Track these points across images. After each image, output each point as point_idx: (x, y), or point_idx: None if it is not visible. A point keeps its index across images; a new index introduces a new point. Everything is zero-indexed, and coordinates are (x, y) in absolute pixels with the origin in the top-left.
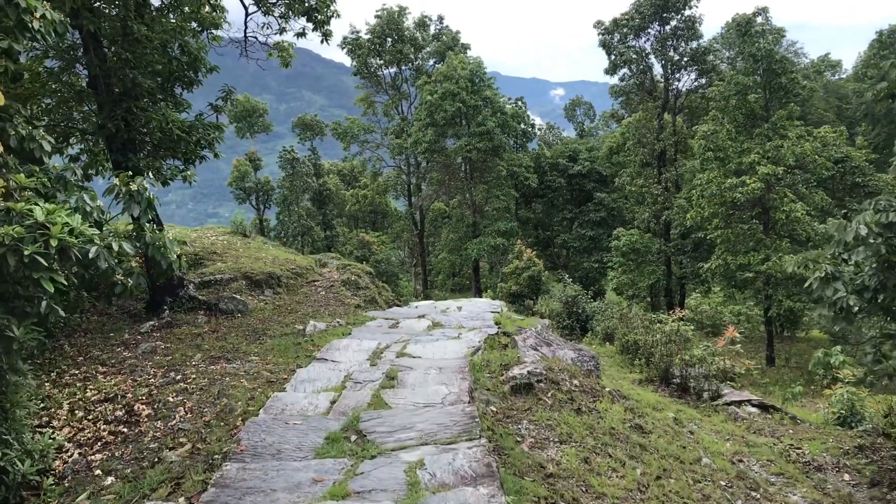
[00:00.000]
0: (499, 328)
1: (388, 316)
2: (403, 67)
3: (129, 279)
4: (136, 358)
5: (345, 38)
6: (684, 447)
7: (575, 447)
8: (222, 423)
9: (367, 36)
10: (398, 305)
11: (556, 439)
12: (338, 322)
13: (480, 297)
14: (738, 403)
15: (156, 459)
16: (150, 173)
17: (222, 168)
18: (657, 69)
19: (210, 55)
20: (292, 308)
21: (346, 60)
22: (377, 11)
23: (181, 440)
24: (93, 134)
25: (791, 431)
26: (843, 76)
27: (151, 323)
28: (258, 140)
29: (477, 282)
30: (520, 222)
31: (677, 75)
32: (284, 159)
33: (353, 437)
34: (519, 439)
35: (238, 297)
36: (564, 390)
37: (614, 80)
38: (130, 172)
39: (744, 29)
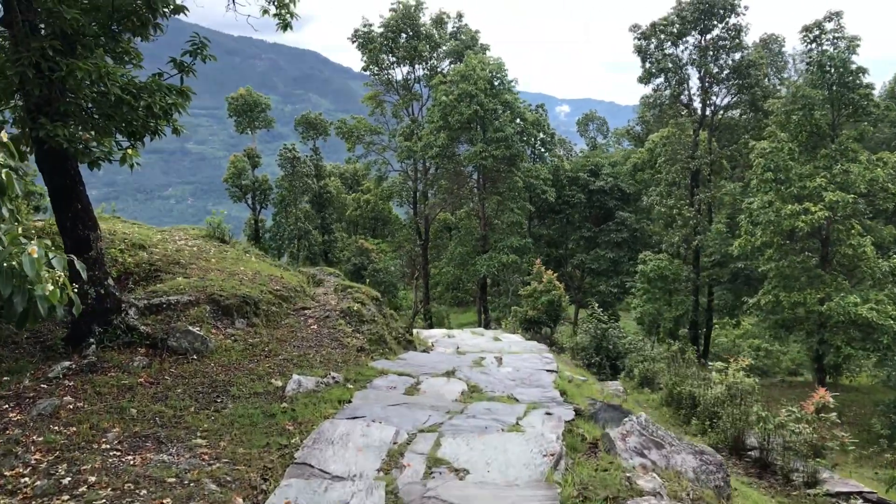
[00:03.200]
0: (567, 401)
1: (403, 369)
2: (417, 66)
3: None
4: (24, 425)
5: (356, 31)
6: None
7: None
8: None
9: (380, 30)
10: (410, 344)
11: None
12: (333, 377)
13: (487, 316)
14: (846, 496)
15: None
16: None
17: (224, 165)
18: (693, 81)
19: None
20: (270, 349)
21: (355, 65)
22: (392, 4)
23: None
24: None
25: None
26: None
27: (67, 364)
28: (260, 139)
29: (484, 301)
30: (532, 238)
31: (715, 89)
32: (284, 157)
33: None
34: None
35: (196, 329)
36: None
37: (647, 89)
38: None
39: (812, 35)
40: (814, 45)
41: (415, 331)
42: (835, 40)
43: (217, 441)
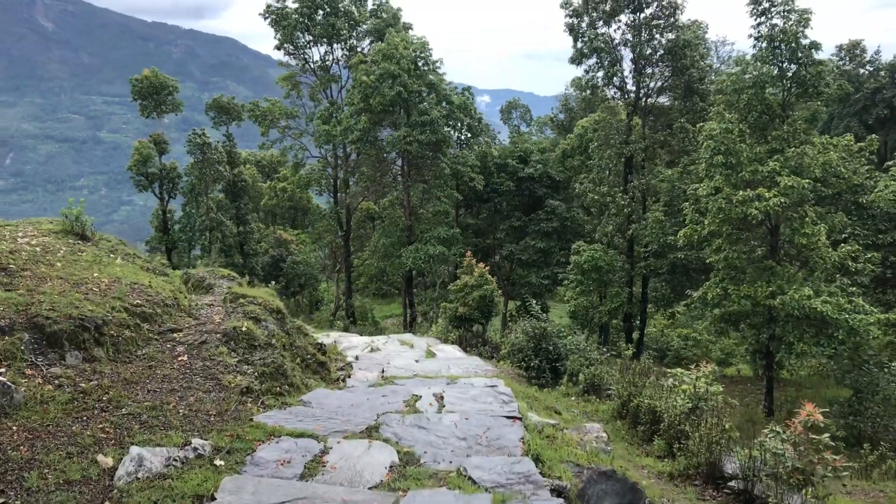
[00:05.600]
0: (545, 474)
1: (305, 425)
2: (335, 46)
3: None
4: None
5: (268, 6)
6: None
7: None
8: None
9: (295, 5)
10: (322, 367)
11: None
12: (194, 448)
13: (413, 311)
14: None
15: None
16: None
17: None
18: (627, 63)
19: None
20: (112, 397)
21: (274, 52)
22: None
23: None
24: None
25: None
26: None
27: None
28: (177, 128)
29: (410, 294)
30: (459, 228)
31: (649, 71)
32: (193, 143)
33: None
34: None
35: None
36: None
37: (579, 71)
38: None
39: (761, 7)
40: (762, 18)
41: (334, 337)
42: (785, 13)
43: None
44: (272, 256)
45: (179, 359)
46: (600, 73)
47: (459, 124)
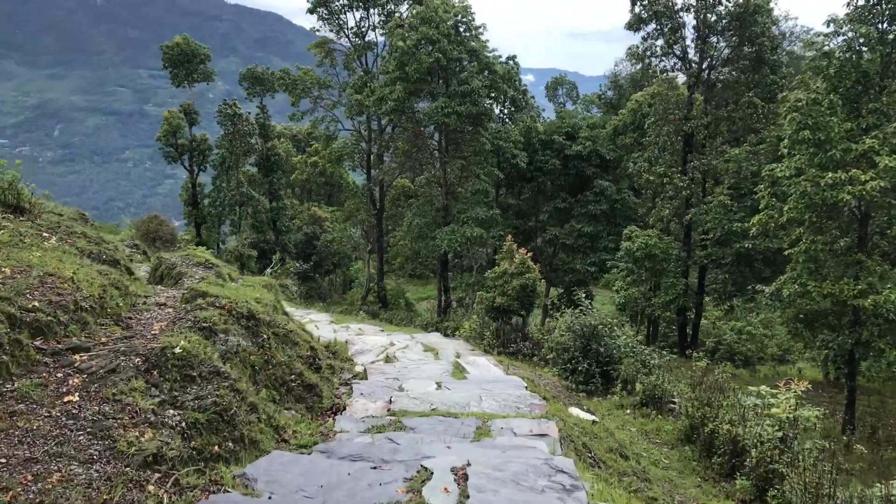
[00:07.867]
0: None
1: None
2: (371, 11)
3: None
4: None
5: None
6: None
7: None
8: None
9: None
10: (311, 392)
11: None
12: None
13: (448, 297)
14: None
15: None
16: None
17: None
18: (689, 30)
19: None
20: None
21: (308, 17)
22: None
23: None
24: None
25: None
26: None
27: None
28: (218, 101)
29: (444, 279)
30: (499, 209)
31: (713, 40)
32: (224, 114)
33: None
34: None
35: None
36: None
37: (636, 38)
38: None
39: None
40: None
41: (352, 331)
42: None
43: None
44: (305, 234)
45: (67, 399)
46: (659, 42)
47: (502, 96)
